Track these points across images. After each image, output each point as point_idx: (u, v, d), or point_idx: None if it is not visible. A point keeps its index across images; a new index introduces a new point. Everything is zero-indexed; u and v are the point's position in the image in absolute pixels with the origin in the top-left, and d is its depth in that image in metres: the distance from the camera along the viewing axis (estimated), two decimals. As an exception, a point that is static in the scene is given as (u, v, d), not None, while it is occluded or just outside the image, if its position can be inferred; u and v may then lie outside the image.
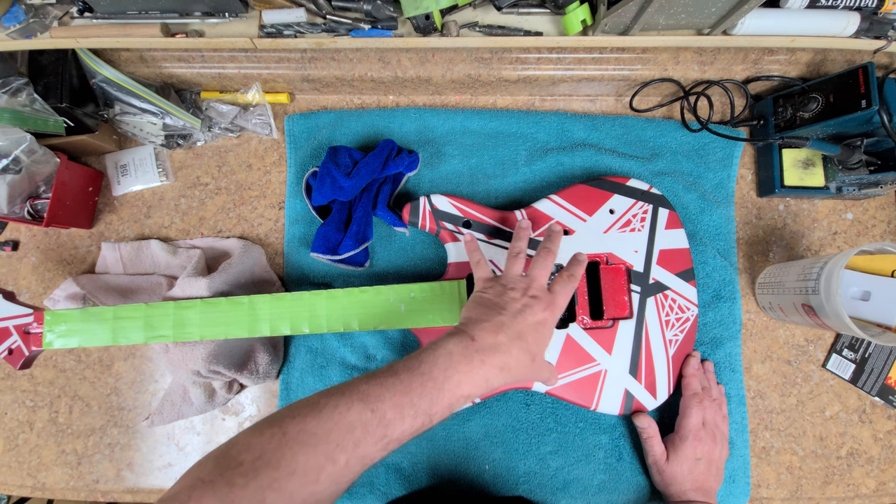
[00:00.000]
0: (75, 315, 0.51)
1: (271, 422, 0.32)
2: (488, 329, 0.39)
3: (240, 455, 0.30)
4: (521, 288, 0.42)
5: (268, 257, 0.61)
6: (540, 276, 0.43)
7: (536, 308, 0.40)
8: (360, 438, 0.32)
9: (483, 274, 0.46)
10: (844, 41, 0.50)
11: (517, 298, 0.41)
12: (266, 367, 0.55)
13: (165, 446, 0.59)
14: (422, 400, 0.34)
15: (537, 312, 0.40)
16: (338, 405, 0.33)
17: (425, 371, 0.35)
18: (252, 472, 0.29)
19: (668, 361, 0.52)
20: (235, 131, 0.63)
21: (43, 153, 0.55)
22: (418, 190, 0.61)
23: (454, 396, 0.35)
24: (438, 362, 0.36)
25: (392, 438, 0.33)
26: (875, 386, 0.57)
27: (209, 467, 0.30)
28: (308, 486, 0.30)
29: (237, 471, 0.29)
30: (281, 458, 0.30)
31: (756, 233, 0.61)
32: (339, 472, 0.31)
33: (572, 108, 0.64)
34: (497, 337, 0.38)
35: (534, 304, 0.41)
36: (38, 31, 0.51)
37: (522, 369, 0.39)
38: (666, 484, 0.50)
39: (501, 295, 0.42)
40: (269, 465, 0.30)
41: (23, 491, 0.60)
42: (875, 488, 0.56)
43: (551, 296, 0.42)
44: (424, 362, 0.36)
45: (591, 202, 0.54)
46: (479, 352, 0.37)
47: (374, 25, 0.50)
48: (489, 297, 0.42)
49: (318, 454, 0.31)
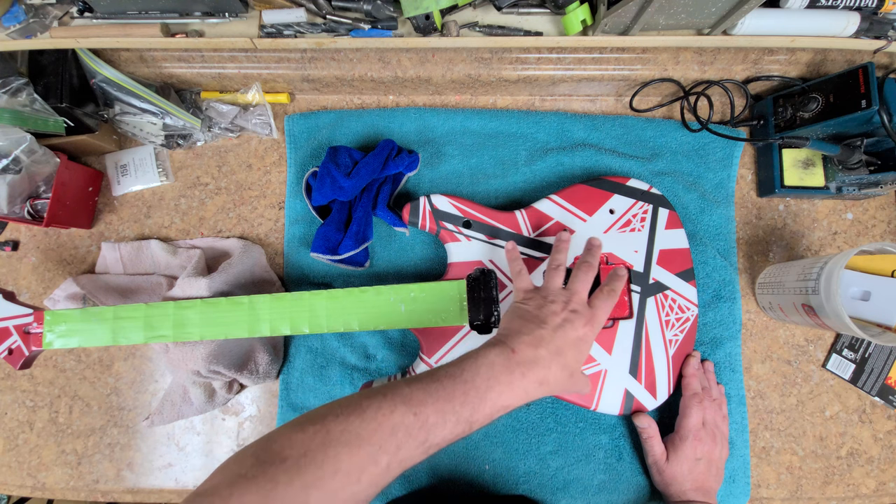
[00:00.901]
0: (75, 315, 0.51)
1: (312, 419, 0.32)
2: (528, 342, 0.38)
3: (283, 451, 0.30)
4: (561, 301, 0.41)
5: (268, 257, 0.61)
6: (581, 289, 0.43)
7: (578, 323, 0.40)
8: (402, 441, 0.32)
9: (523, 284, 0.45)
10: (844, 41, 0.50)
11: (557, 312, 0.41)
12: (266, 367, 0.55)
13: (165, 446, 0.59)
14: (464, 408, 0.34)
15: (578, 328, 0.40)
16: (381, 407, 0.32)
17: (468, 379, 0.35)
18: (296, 468, 0.29)
19: (668, 361, 0.52)
20: (235, 131, 0.63)
21: (43, 153, 0.55)
22: (418, 190, 0.61)
23: (495, 406, 0.35)
24: (481, 372, 0.36)
25: (433, 443, 0.33)
26: (875, 386, 0.57)
27: (249, 462, 0.30)
28: (350, 486, 0.30)
29: (280, 467, 0.29)
30: (325, 456, 0.30)
31: (756, 233, 0.61)
32: (380, 473, 0.31)
33: (572, 108, 0.64)
34: (537, 351, 0.38)
35: (574, 319, 0.40)
36: (38, 31, 0.51)
37: (560, 384, 0.39)
38: (666, 484, 0.50)
39: (542, 308, 0.41)
40: (313, 463, 0.29)
41: (23, 491, 0.60)
42: (875, 488, 0.56)
43: (592, 311, 0.42)
44: (467, 370, 0.36)
45: (591, 202, 0.54)
46: (519, 365, 0.37)
47: (374, 25, 0.50)
48: (529, 308, 0.42)
49: (361, 455, 0.30)
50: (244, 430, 0.59)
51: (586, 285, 0.44)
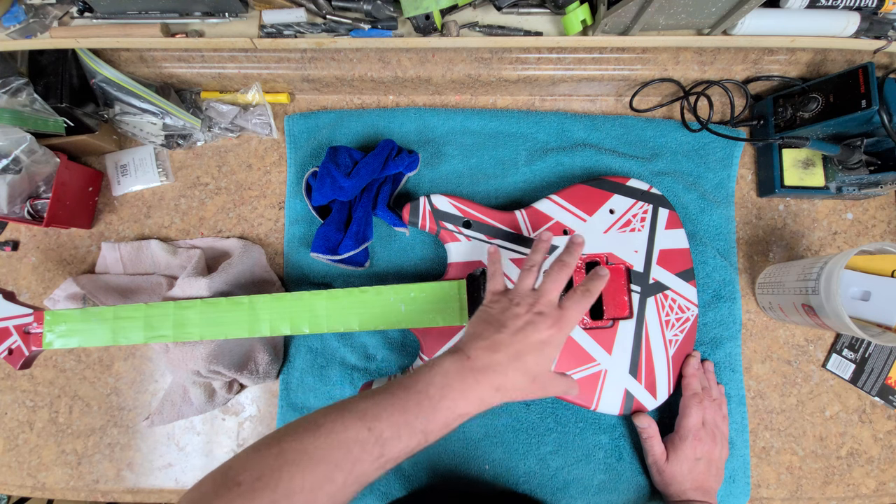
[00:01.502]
0: (75, 315, 0.51)
1: (270, 441, 0.32)
2: (485, 347, 0.37)
3: (238, 476, 0.30)
4: (527, 303, 0.40)
5: (268, 257, 0.61)
6: (550, 290, 0.41)
7: (541, 325, 0.38)
8: (358, 458, 0.32)
9: (494, 287, 0.44)
10: (844, 41, 0.50)
11: (521, 315, 0.39)
12: (266, 367, 0.55)
13: (165, 446, 0.59)
14: (417, 419, 0.34)
15: (541, 330, 0.38)
16: (336, 424, 0.33)
17: (421, 389, 0.35)
18: (250, 493, 0.29)
19: (668, 361, 0.52)
20: (235, 131, 0.63)
21: (43, 153, 0.55)
22: (418, 190, 0.61)
23: (450, 415, 0.35)
24: (435, 381, 0.36)
25: (389, 458, 0.33)
26: (875, 386, 0.57)
27: (207, 488, 0.30)
28: None
29: (235, 491, 0.29)
30: (279, 479, 0.30)
31: (756, 233, 0.61)
32: (337, 491, 0.31)
33: (572, 108, 0.64)
34: (493, 356, 0.37)
35: (538, 322, 0.39)
36: (38, 31, 0.51)
37: (521, 390, 0.38)
38: (666, 484, 0.50)
39: (505, 311, 0.40)
40: (267, 487, 0.30)
41: (23, 491, 0.60)
42: (875, 488, 0.56)
43: (560, 312, 0.40)
44: (421, 380, 0.36)
45: (591, 202, 0.54)
46: (473, 371, 0.36)
47: (374, 25, 0.50)
48: (493, 312, 0.41)
49: (316, 474, 0.31)
50: (244, 430, 0.59)
51: (557, 286, 0.41)
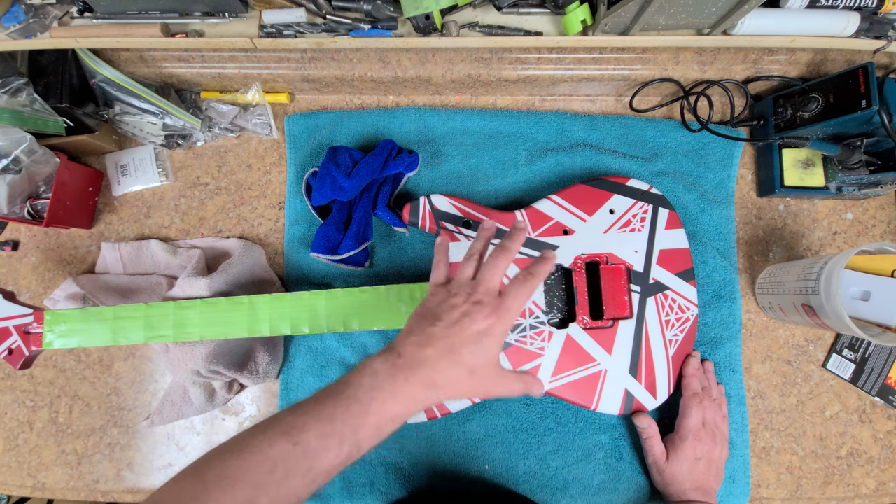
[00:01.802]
0: (75, 315, 0.51)
1: (194, 467, 0.31)
2: (416, 343, 0.35)
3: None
4: (464, 293, 0.38)
5: (268, 257, 0.61)
6: (489, 278, 0.38)
7: (478, 315, 0.36)
8: (284, 476, 0.30)
9: (435, 278, 0.42)
10: (844, 41, 0.50)
11: (457, 306, 0.37)
12: (266, 367, 0.55)
13: (165, 446, 0.59)
14: (345, 426, 0.32)
15: (478, 320, 0.36)
16: (262, 443, 0.31)
17: (350, 394, 0.33)
18: None
19: (668, 361, 0.52)
20: (235, 131, 0.63)
21: (43, 153, 0.55)
22: (418, 190, 0.61)
23: (381, 419, 0.33)
24: (364, 383, 0.34)
25: (319, 471, 0.31)
26: (875, 386, 0.57)
27: None
28: None
29: None
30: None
31: (756, 233, 0.61)
32: None
33: (572, 108, 0.64)
34: (424, 351, 0.35)
35: (475, 312, 0.36)
36: (38, 31, 0.51)
37: (458, 386, 0.35)
38: (666, 484, 0.50)
39: (443, 303, 0.38)
40: None
41: (23, 491, 0.60)
42: (875, 488, 0.56)
43: (499, 300, 0.37)
44: (350, 385, 0.34)
45: (591, 202, 0.54)
46: (403, 369, 0.34)
47: (374, 25, 0.50)
48: (430, 305, 0.38)
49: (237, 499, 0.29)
50: (244, 430, 0.59)
51: (497, 273, 0.39)
